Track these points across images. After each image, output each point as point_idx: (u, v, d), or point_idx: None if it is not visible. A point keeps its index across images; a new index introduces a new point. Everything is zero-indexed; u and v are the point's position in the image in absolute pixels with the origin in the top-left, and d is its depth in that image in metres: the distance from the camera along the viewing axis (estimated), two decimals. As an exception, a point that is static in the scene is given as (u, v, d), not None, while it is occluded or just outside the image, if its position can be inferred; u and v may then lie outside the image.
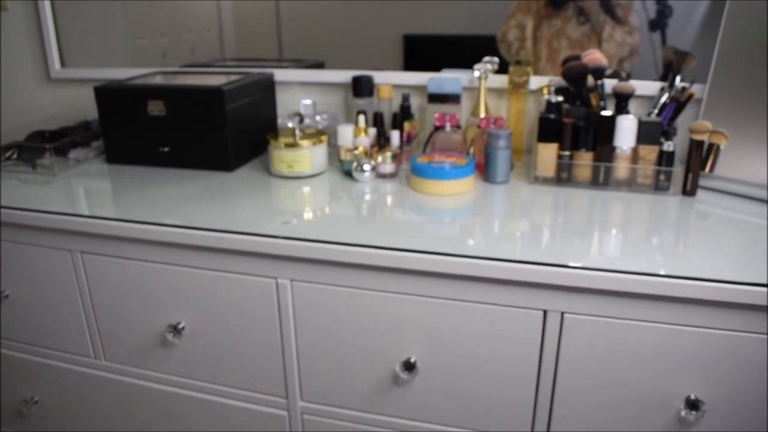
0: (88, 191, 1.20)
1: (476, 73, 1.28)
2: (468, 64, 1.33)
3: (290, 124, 1.24)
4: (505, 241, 0.93)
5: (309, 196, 1.15)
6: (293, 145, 1.20)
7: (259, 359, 1.08)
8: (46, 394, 1.32)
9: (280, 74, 1.46)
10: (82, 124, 1.55)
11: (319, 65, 1.51)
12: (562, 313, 0.89)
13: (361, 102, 1.37)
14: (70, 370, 1.26)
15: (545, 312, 0.91)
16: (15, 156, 1.37)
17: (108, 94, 1.29)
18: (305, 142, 1.21)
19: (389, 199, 1.12)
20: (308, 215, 1.05)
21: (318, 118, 1.40)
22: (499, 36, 1.37)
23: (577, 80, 1.23)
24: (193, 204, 1.10)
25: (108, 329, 1.18)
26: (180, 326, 1.11)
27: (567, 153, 1.19)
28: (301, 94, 1.49)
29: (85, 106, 1.68)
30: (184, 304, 1.09)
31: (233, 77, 1.36)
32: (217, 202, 1.12)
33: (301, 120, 1.24)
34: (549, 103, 1.21)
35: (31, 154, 1.35)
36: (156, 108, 1.26)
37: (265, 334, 1.06)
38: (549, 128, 1.18)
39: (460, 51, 1.40)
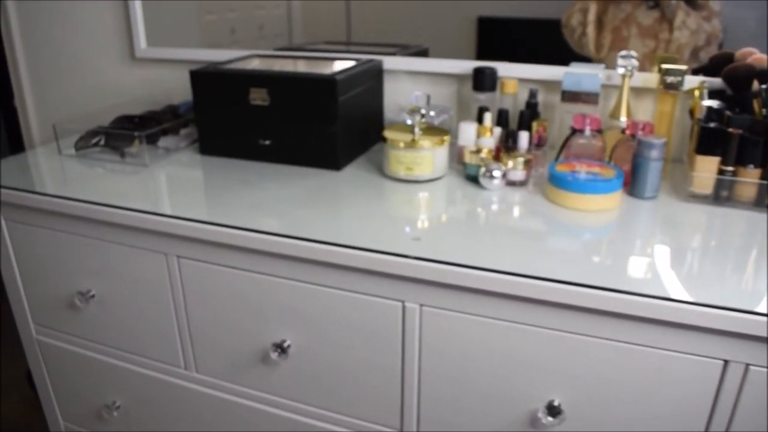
0: (184, 187, 1.09)
1: (620, 70, 1.12)
2: (546, 50, 1.22)
3: (409, 121, 1.10)
4: (677, 275, 0.78)
5: (432, 204, 1.02)
6: (413, 145, 1.07)
7: (374, 386, 0.96)
8: (130, 400, 1.22)
9: (388, 62, 1.32)
10: (168, 108, 1.44)
11: (423, 52, 1.36)
12: (747, 365, 0.75)
13: (483, 97, 1.22)
14: (156, 379, 1.16)
15: (725, 363, 0.76)
16: (102, 143, 1.27)
17: (205, 79, 1.18)
18: (426, 142, 1.07)
19: (526, 213, 0.98)
20: (437, 229, 0.91)
21: (432, 113, 1.26)
22: (564, 20, 1.23)
23: (740, 83, 1.06)
24: (303, 208, 0.98)
25: (202, 340, 1.07)
26: (285, 344, 0.99)
27: (730, 168, 1.02)
28: (408, 84, 1.35)
29: (169, 88, 1.57)
30: (290, 320, 0.97)
31: (340, 64, 1.23)
32: (329, 206, 0.99)
33: (423, 116, 1.10)
34: (710, 109, 1.04)
35: (120, 141, 1.25)
36: (259, 96, 1.14)
37: (384, 360, 0.93)
38: (711, 139, 1.02)
39: (539, 36, 1.26)
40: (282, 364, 1.02)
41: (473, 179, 1.10)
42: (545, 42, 1.26)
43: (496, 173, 1.06)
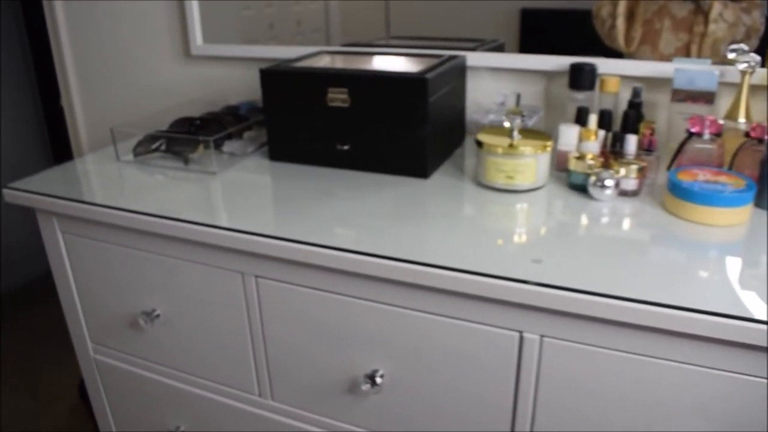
0: (258, 198, 0.99)
1: (741, 66, 1.00)
2: (592, 43, 1.13)
3: (507, 123, 0.99)
4: None
5: (540, 218, 0.91)
6: (513, 151, 0.96)
7: (480, 424, 0.86)
8: (195, 425, 1.13)
9: (471, 58, 1.21)
10: (227, 109, 1.34)
11: (499, 47, 1.25)
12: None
13: (581, 96, 1.11)
14: (226, 405, 1.07)
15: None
16: (163, 148, 1.17)
17: (277, 78, 1.07)
18: (528, 148, 0.96)
19: (649, 229, 0.87)
20: (554, 248, 0.80)
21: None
22: (594, 11, 1.14)
23: None
24: (394, 223, 0.88)
25: (280, 366, 0.97)
26: (378, 374, 0.89)
27: None
28: (490, 82, 1.24)
29: (226, 88, 1.48)
30: (382, 348, 0.87)
31: (420, 61, 1.13)
32: (422, 220, 0.89)
33: (523, 118, 0.99)
34: None
35: (183, 146, 1.15)
36: (338, 97, 1.03)
37: (493, 395, 0.83)
38: None
39: (584, 28, 1.17)
40: (372, 395, 0.91)
41: (578, 188, 0.99)
42: (591, 34, 1.17)
43: (609, 182, 0.95)
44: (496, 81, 1.24)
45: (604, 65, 1.12)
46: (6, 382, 2.25)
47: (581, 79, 1.10)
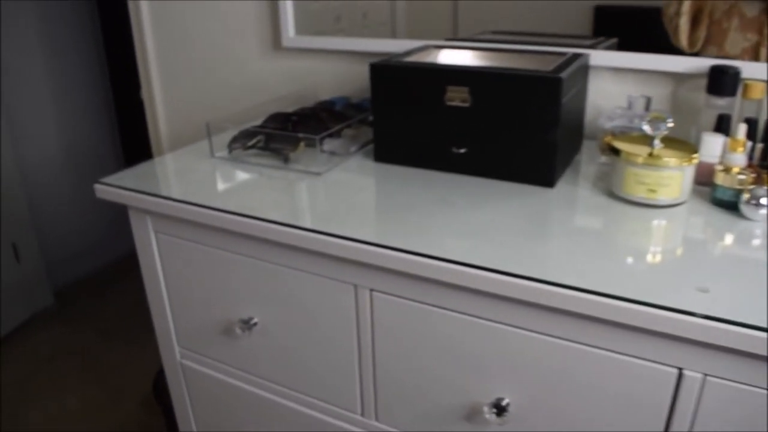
0: (368, 203, 0.91)
1: None
2: (665, 42, 1.06)
3: (646, 128, 0.90)
4: None
5: (690, 239, 0.82)
6: (656, 162, 0.86)
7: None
8: (285, 442, 1.07)
9: (593, 57, 1.11)
10: (321, 105, 1.27)
11: (612, 46, 1.15)
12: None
13: (722, 102, 1.00)
14: (322, 422, 1.00)
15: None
16: (261, 144, 1.11)
17: (389, 74, 1.00)
18: (673, 159, 0.86)
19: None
20: (717, 276, 0.71)
21: (636, 120, 1.05)
22: (663, 8, 1.06)
23: None
24: (520, 237, 0.79)
25: (389, 385, 0.90)
26: (504, 403, 0.80)
27: None
28: (611, 84, 1.14)
29: (317, 82, 1.41)
30: (511, 375, 0.79)
31: (539, 59, 1.04)
32: (554, 236, 0.80)
33: (667, 126, 0.89)
34: None
35: (283, 144, 1.08)
36: (458, 96, 0.95)
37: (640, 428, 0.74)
38: None
39: (659, 26, 1.08)
40: (495, 426, 0.83)
41: (724, 205, 0.89)
42: (665, 33, 1.08)
43: (764, 200, 0.84)
44: (619, 83, 1.14)
45: (747, 68, 1.01)
46: (77, 374, 2.24)
47: (723, 83, 1.00)
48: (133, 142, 2.90)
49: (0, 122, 2.34)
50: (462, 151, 0.98)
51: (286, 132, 1.09)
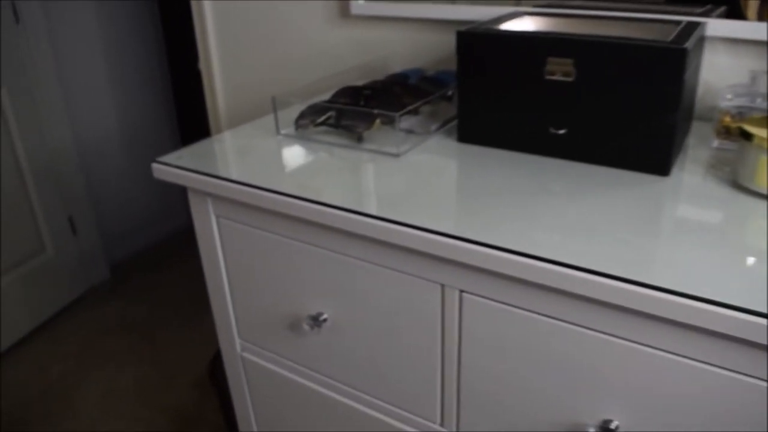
0: (456, 190, 0.81)
1: None
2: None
3: (789, 111, 0.76)
4: None
5: None
6: (801, 148, 0.72)
7: None
8: (353, 447, 0.98)
9: (710, 26, 0.96)
10: (393, 78, 1.16)
11: (722, 14, 1.00)
12: None
13: None
14: (394, 428, 0.91)
15: None
16: (332, 121, 1.01)
17: (480, 44, 0.88)
18: (821, 145, 0.72)
19: None
20: None
21: (759, 100, 0.91)
22: None
23: None
24: (646, 238, 0.68)
25: (474, 395, 0.80)
26: (613, 426, 0.69)
27: None
28: (724, 57, 1.00)
29: (387, 53, 1.30)
30: (621, 395, 0.68)
31: (647, 28, 0.90)
32: (685, 237, 0.67)
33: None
34: None
35: (356, 121, 0.98)
36: (560, 69, 0.83)
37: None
38: None
39: None
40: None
41: None
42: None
43: None
44: (734, 56, 0.99)
45: None
46: (132, 351, 2.21)
47: None
48: (190, 115, 2.85)
49: (55, 96, 2.30)
50: (561, 132, 0.86)
51: (360, 108, 0.98)
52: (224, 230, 0.95)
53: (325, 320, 0.90)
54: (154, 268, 2.75)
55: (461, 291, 0.74)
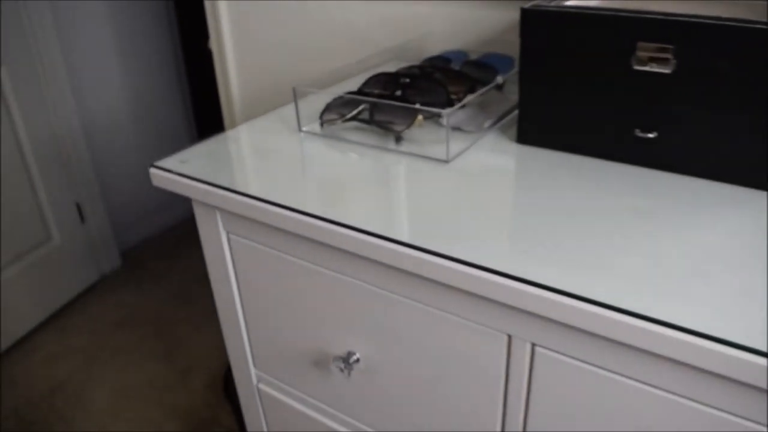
0: (525, 210, 0.64)
1: None
2: None
3: None
4: None
5: None
6: None
7: None
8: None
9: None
10: (433, 61, 0.99)
11: None
12: None
13: None
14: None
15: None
16: (364, 116, 0.84)
17: (549, 24, 0.71)
18: None
19: None
20: None
21: None
22: None
23: None
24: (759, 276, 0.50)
25: (544, 467, 0.64)
26: None
27: None
28: None
29: (424, 33, 1.12)
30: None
31: (751, 6, 0.72)
32: None
33: None
34: None
35: (392, 116, 0.82)
36: (655, 57, 0.65)
37: None
38: None
39: None
40: None
41: None
42: None
43: None
44: None
45: None
46: (144, 345, 2.09)
47: None
48: (204, 97, 2.69)
49: (60, 75, 2.15)
50: (651, 135, 0.69)
51: (399, 102, 0.82)
52: (236, 249, 0.80)
53: (357, 361, 0.75)
54: (168, 254, 2.62)
55: (533, 344, 0.59)
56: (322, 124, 0.86)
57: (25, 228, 2.08)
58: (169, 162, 0.78)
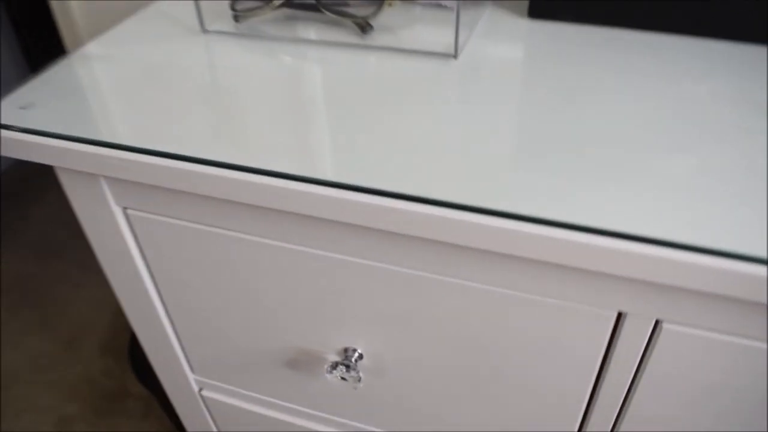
0: (577, 122, 0.42)
1: None
2: None
3: None
4: None
5: None
6: None
7: None
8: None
9: None
10: None
11: None
12: None
13: None
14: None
15: None
16: None
17: None
18: None
19: None
20: None
21: None
22: None
23: None
24: None
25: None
26: None
27: None
28: None
29: None
30: None
31: None
32: None
33: None
34: None
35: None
36: None
37: None
38: None
39: None
40: None
41: None
42: None
43: None
44: None
45: None
46: (17, 316, 1.73)
47: None
48: (29, 22, 2.16)
49: None
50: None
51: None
52: (141, 230, 0.53)
53: (361, 357, 0.52)
54: (17, 200, 2.18)
55: (658, 321, 0.38)
56: (236, 18, 0.58)
57: None
58: (4, 112, 0.48)
